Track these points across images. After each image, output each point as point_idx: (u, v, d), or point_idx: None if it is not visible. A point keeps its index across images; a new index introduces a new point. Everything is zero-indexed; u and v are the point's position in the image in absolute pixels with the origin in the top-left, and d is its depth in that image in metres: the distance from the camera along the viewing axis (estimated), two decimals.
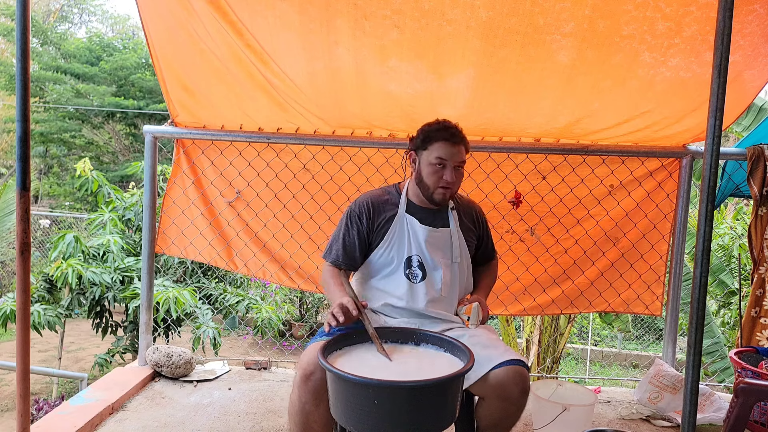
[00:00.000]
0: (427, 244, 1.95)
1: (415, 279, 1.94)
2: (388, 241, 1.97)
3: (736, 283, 5.39)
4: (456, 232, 2.00)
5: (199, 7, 2.12)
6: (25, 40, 1.48)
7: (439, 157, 1.89)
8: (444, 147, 1.89)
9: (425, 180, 1.93)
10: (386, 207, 2.01)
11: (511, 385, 1.65)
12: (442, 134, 1.90)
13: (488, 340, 1.81)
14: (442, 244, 1.97)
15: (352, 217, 2.00)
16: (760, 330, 2.69)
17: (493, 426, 1.75)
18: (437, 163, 1.89)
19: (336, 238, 2.01)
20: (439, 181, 1.90)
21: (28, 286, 1.55)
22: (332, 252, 2.00)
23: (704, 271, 1.35)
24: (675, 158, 2.79)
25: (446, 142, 1.90)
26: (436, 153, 1.89)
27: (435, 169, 1.90)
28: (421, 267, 1.94)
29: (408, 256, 1.95)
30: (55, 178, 13.69)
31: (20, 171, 1.52)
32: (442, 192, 1.92)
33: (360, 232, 1.97)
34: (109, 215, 4.57)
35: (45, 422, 2.24)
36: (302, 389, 1.66)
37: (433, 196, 1.94)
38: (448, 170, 1.89)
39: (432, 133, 1.92)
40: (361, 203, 2.01)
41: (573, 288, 2.94)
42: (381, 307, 1.97)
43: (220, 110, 2.70)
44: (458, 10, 2.03)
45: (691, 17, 2.03)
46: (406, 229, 1.97)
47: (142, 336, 2.90)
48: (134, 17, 19.38)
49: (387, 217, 1.98)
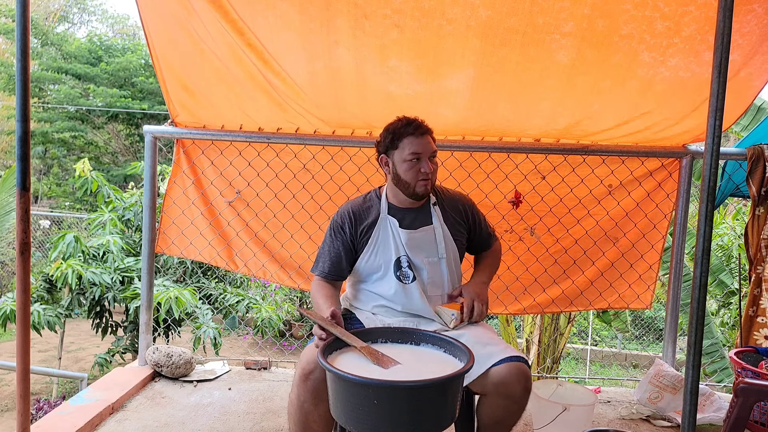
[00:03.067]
0: (407, 246, 1.94)
1: (407, 280, 1.94)
2: (372, 245, 1.96)
3: (735, 283, 5.39)
4: (440, 228, 1.98)
5: (200, 6, 2.12)
6: (25, 40, 1.48)
7: (412, 152, 1.89)
8: (414, 141, 1.90)
9: (403, 177, 1.92)
10: (368, 213, 2.00)
11: (514, 382, 1.65)
12: (409, 129, 1.91)
13: (488, 337, 1.81)
14: (425, 243, 1.97)
15: (335, 228, 2.00)
16: (757, 329, 2.69)
17: (494, 424, 1.75)
18: (412, 158, 1.89)
19: (322, 252, 2.01)
20: (417, 174, 1.90)
21: (28, 286, 1.55)
22: (319, 265, 2.01)
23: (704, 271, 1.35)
24: (675, 158, 2.79)
25: (414, 136, 1.90)
26: (408, 149, 1.90)
27: (411, 165, 1.90)
28: (410, 267, 1.94)
29: (397, 257, 1.94)
30: (55, 179, 13.69)
31: (20, 171, 1.52)
32: (423, 184, 1.92)
33: (344, 242, 1.97)
34: (109, 215, 4.57)
35: (45, 422, 2.24)
36: (301, 388, 1.66)
37: (416, 190, 1.93)
38: (424, 162, 1.89)
39: (399, 131, 1.92)
40: (342, 213, 2.01)
41: (573, 288, 2.95)
42: (375, 309, 1.97)
43: (220, 110, 2.70)
44: (458, 9, 2.03)
45: (690, 17, 2.03)
46: (390, 231, 1.96)
47: (142, 336, 2.90)
48: (134, 17, 19.40)
49: (369, 223, 1.98)
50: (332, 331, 1.61)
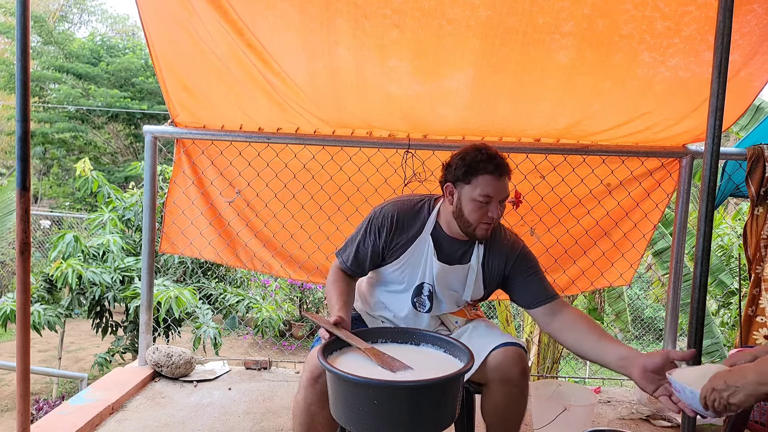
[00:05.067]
0: (436, 278, 1.82)
1: (422, 308, 1.85)
2: (403, 261, 1.83)
3: (735, 283, 5.39)
4: (476, 269, 1.83)
5: (200, 6, 2.12)
6: (25, 39, 1.48)
7: (485, 194, 1.69)
8: (491, 182, 1.69)
9: (467, 216, 1.73)
10: (412, 224, 1.83)
11: (511, 365, 1.65)
12: (488, 167, 1.69)
13: (486, 329, 1.83)
14: (455, 280, 1.84)
15: (372, 226, 1.83)
16: (756, 328, 2.69)
17: (499, 418, 1.73)
18: (482, 201, 1.70)
19: (353, 241, 1.87)
20: (483, 217, 1.72)
21: (28, 286, 1.55)
22: (345, 253, 1.87)
23: (704, 271, 1.35)
24: (675, 158, 2.80)
25: (492, 176, 1.69)
26: (481, 189, 1.69)
27: (479, 206, 1.70)
28: (430, 298, 1.84)
29: (420, 282, 1.83)
30: (55, 179, 13.69)
31: (20, 171, 1.52)
32: (486, 228, 1.75)
33: (375, 245, 1.82)
34: (109, 215, 4.57)
35: (45, 422, 2.24)
36: (309, 391, 1.64)
37: (476, 233, 1.75)
38: (494, 206, 1.71)
39: (476, 165, 1.70)
40: (386, 214, 1.83)
41: (564, 277, 2.99)
42: (379, 316, 1.94)
43: (220, 110, 2.70)
44: (458, 9, 2.03)
45: (690, 17, 2.03)
46: (425, 255, 1.82)
47: (142, 336, 2.90)
48: (133, 17, 19.39)
49: (409, 237, 1.82)
50: (336, 332, 1.59)
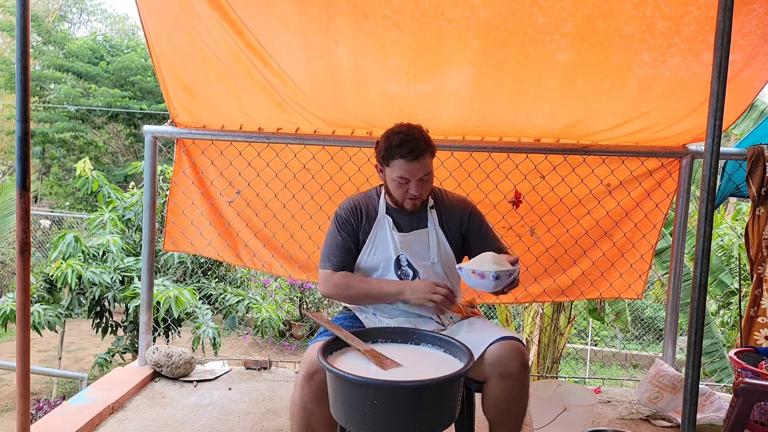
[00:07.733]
0: (402, 248, 1.94)
1: (407, 278, 1.94)
2: (371, 244, 1.96)
3: (735, 283, 5.38)
4: (434, 232, 1.97)
5: (200, 6, 2.12)
6: (25, 39, 1.48)
7: (400, 176, 1.85)
8: (403, 166, 1.84)
9: (393, 193, 1.92)
10: (368, 210, 2.00)
11: (510, 359, 1.66)
12: (401, 151, 1.82)
13: (482, 324, 1.84)
14: (418, 246, 1.96)
15: (340, 222, 1.98)
16: (758, 329, 2.69)
17: (501, 414, 1.73)
18: (401, 182, 1.87)
19: (329, 247, 1.97)
20: (405, 194, 1.89)
21: (28, 286, 1.55)
22: (330, 260, 1.95)
23: (704, 271, 1.35)
24: (675, 158, 2.80)
25: (405, 159, 1.83)
26: (397, 172, 1.85)
27: (399, 185, 1.88)
28: (410, 266, 1.94)
29: (396, 256, 1.94)
30: (55, 179, 13.68)
31: (20, 171, 1.52)
32: (411, 202, 1.91)
33: (351, 234, 1.97)
34: (109, 215, 4.57)
35: (45, 422, 2.24)
36: (305, 388, 1.65)
37: (404, 206, 1.94)
38: (413, 185, 1.86)
39: (391, 149, 1.84)
40: (346, 207, 2.00)
41: (566, 279, 2.98)
42: (377, 310, 1.96)
43: (220, 110, 2.70)
44: (458, 9, 2.03)
45: (690, 17, 2.03)
46: (388, 230, 1.96)
47: (142, 336, 2.90)
48: (133, 17, 19.38)
49: (369, 221, 1.98)
50: (336, 333, 1.61)
